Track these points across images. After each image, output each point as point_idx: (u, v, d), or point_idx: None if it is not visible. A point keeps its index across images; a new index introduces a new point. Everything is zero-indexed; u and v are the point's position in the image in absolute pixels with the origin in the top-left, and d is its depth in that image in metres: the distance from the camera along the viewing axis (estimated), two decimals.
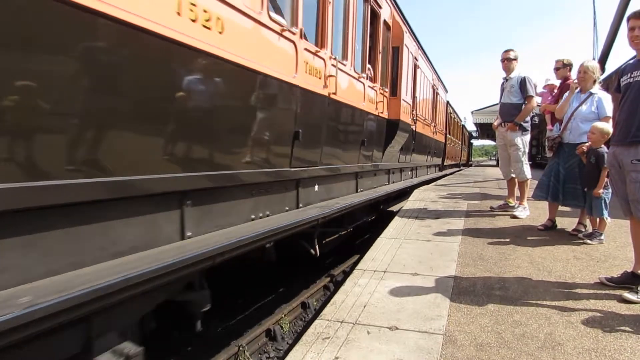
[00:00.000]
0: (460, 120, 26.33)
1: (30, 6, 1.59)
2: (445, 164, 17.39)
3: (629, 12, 3.02)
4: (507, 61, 5.47)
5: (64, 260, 1.82)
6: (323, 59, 4.23)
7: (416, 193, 8.03)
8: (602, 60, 10.93)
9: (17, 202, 1.61)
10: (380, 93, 6.41)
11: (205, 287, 2.59)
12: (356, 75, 5.30)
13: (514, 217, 5.39)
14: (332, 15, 4.42)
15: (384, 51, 6.66)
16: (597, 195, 3.90)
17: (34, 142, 1.69)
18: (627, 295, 2.80)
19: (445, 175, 15.01)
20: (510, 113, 5.45)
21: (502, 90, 5.62)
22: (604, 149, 3.76)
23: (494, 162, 34.18)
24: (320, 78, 4.17)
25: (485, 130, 33.82)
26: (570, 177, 4.40)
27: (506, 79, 5.53)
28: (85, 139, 1.89)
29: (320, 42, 4.24)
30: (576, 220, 4.64)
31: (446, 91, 16.89)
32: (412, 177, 10.24)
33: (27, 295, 1.54)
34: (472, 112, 29.31)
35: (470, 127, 35.26)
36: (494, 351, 2.20)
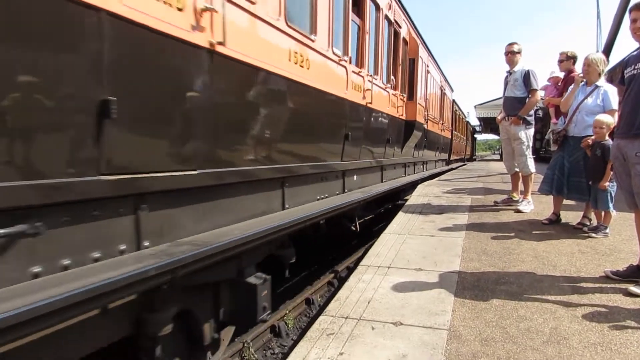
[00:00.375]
0: (465, 117, 26.23)
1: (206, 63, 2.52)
2: (451, 158, 17.59)
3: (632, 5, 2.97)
4: (511, 54, 5.42)
5: (230, 217, 2.86)
6: (362, 77, 5.39)
7: (420, 188, 8.01)
8: (606, 52, 10.82)
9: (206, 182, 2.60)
10: (400, 99, 7.60)
11: (291, 245, 3.53)
12: (383, 86, 6.48)
13: (518, 211, 5.36)
14: (368, 43, 5.63)
15: (403, 63, 7.87)
16: (603, 188, 3.87)
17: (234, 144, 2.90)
18: (633, 288, 2.78)
19: (452, 169, 15.12)
20: (514, 107, 5.41)
21: (506, 83, 5.57)
22: (609, 141, 3.73)
23: (498, 157, 33.98)
24: (360, 92, 5.30)
25: (489, 124, 33.62)
26: (575, 170, 4.38)
27: (510, 73, 5.48)
28: (251, 145, 3.07)
29: (360, 63, 5.39)
30: (581, 213, 4.61)
31: (452, 90, 17.01)
32: (423, 170, 11.10)
33: (236, 231, 2.60)
34: (475, 107, 29.15)
35: (474, 121, 35.10)
36: (499, 346, 2.20)
